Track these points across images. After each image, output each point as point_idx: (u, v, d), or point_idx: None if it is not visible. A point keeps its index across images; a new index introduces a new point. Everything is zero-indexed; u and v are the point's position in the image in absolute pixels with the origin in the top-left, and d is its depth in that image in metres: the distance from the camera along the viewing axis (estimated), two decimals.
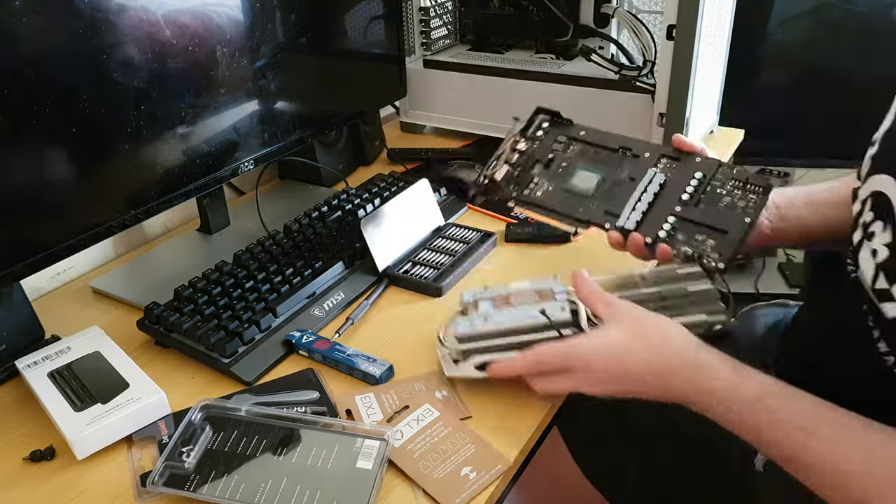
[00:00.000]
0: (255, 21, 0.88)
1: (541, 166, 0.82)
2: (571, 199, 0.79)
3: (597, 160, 0.81)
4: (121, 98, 0.74)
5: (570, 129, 0.85)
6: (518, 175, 0.83)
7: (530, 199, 0.80)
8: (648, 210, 0.75)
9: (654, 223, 0.74)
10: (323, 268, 0.83)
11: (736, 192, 0.74)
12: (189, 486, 0.57)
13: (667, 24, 0.98)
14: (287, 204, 1.03)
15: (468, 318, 0.68)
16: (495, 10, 1.25)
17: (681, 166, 0.77)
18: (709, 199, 0.74)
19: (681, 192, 0.75)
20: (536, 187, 0.81)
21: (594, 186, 0.79)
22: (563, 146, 0.84)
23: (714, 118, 1.23)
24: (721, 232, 0.71)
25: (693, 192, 0.75)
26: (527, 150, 0.84)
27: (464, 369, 0.67)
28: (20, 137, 0.66)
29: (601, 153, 0.82)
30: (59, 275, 0.90)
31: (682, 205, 0.74)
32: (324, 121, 1.03)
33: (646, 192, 0.76)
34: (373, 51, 1.11)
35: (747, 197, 0.73)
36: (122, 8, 0.72)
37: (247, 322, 0.74)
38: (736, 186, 0.74)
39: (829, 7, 1.57)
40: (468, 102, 1.21)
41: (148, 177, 0.80)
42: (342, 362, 0.71)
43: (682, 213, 0.74)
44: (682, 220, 0.74)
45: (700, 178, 0.76)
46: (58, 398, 0.65)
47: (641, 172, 0.78)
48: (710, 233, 0.72)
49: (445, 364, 0.68)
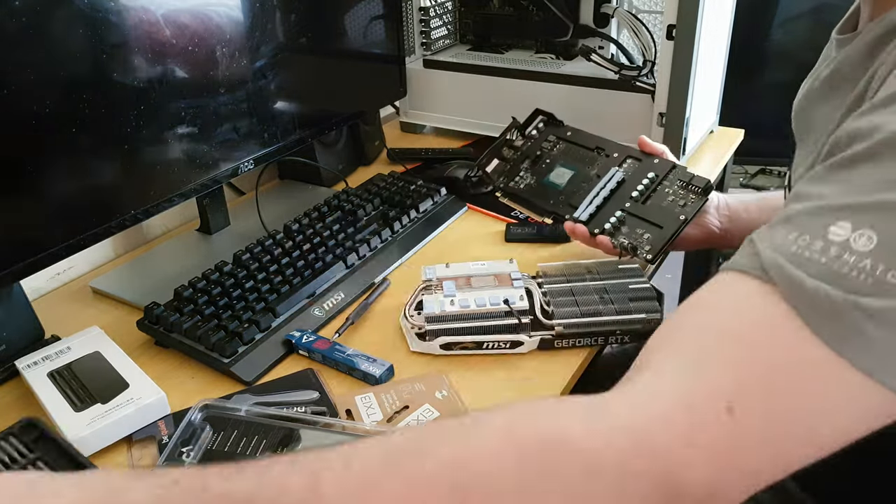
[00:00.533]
0: (255, 21, 0.88)
1: (529, 161, 0.92)
2: (546, 191, 0.88)
3: (575, 158, 0.90)
4: (121, 98, 0.74)
5: (560, 130, 0.94)
6: (509, 168, 0.92)
7: (513, 189, 0.90)
8: (603, 204, 0.83)
9: (603, 216, 0.82)
10: (323, 268, 0.83)
11: (679, 192, 0.81)
12: None
13: (667, 24, 0.98)
14: (287, 204, 1.03)
15: (435, 297, 0.73)
16: (495, 10, 1.25)
17: (640, 166, 0.86)
18: (655, 198, 0.82)
19: (632, 190, 0.83)
20: (521, 180, 0.90)
21: (566, 181, 0.88)
22: (551, 144, 0.93)
23: (714, 118, 1.23)
24: (658, 227, 0.79)
25: (643, 190, 0.83)
26: (521, 146, 0.93)
27: (429, 347, 0.72)
28: (20, 137, 0.66)
29: (580, 152, 0.91)
30: (59, 275, 0.90)
31: (631, 201, 0.82)
32: (324, 121, 1.03)
33: (604, 188, 0.84)
34: (373, 51, 1.11)
35: (687, 196, 0.80)
36: (122, 8, 0.72)
37: (247, 322, 0.74)
38: (680, 186, 0.82)
39: (830, 7, 1.58)
40: (468, 102, 1.21)
41: (148, 177, 0.80)
42: (342, 362, 0.71)
43: (629, 208, 0.82)
44: (629, 215, 0.81)
45: (652, 177, 0.84)
46: (58, 398, 0.65)
47: (605, 170, 0.86)
48: (649, 227, 0.79)
49: (410, 338, 0.73)
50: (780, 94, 1.69)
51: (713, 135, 1.24)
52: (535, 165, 0.91)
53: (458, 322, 0.71)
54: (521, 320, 0.71)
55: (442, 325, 0.71)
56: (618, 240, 0.79)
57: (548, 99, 1.12)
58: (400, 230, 0.94)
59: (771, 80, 1.72)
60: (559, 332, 0.71)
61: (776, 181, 1.92)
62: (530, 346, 0.71)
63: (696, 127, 1.10)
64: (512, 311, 0.71)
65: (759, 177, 1.95)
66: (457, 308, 0.72)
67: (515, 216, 0.99)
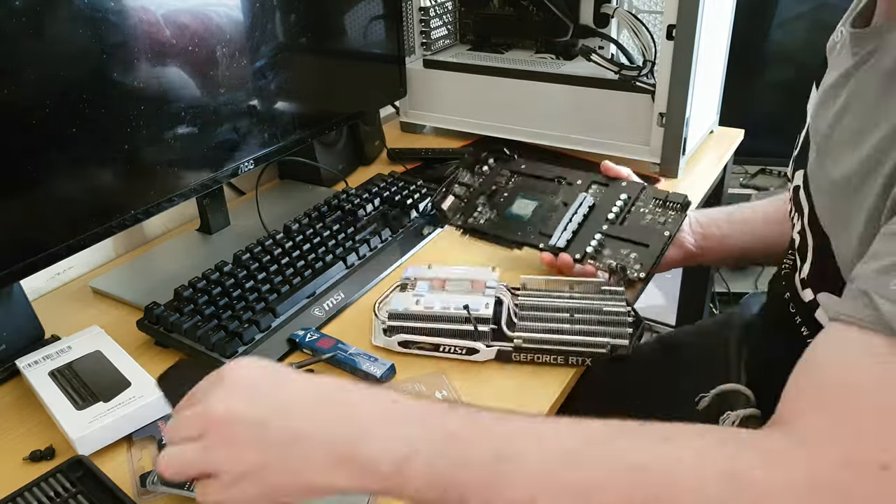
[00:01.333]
0: (255, 21, 0.88)
1: (485, 197, 0.90)
2: (511, 224, 0.86)
3: (536, 190, 0.90)
4: (120, 98, 0.74)
5: (513, 164, 0.93)
6: (464, 205, 0.90)
7: (473, 225, 0.88)
8: (578, 230, 0.83)
9: (582, 241, 0.81)
10: (323, 268, 0.83)
11: (657, 210, 0.82)
12: (188, 486, 0.57)
13: (667, 24, 0.98)
14: (287, 204, 1.04)
15: (405, 295, 0.74)
16: (495, 10, 1.25)
17: (609, 190, 0.86)
18: (632, 218, 0.82)
19: (607, 213, 0.83)
20: (480, 215, 0.89)
21: (531, 212, 0.87)
22: (505, 178, 0.92)
23: (714, 118, 1.23)
24: (643, 246, 0.79)
25: (618, 213, 0.83)
26: (472, 183, 0.92)
27: (388, 342, 0.73)
28: (20, 137, 0.67)
29: (539, 183, 0.90)
30: (59, 275, 0.90)
31: (608, 223, 0.82)
32: (324, 121, 1.03)
33: (576, 213, 0.84)
34: (373, 51, 1.11)
35: (667, 214, 0.81)
36: (122, 8, 0.72)
37: (247, 322, 0.74)
38: (657, 205, 0.82)
39: (829, 7, 1.57)
40: (468, 102, 1.21)
41: (148, 177, 0.80)
42: (344, 362, 0.71)
43: (608, 230, 0.82)
44: (608, 237, 0.81)
45: (625, 199, 0.84)
46: (59, 397, 0.65)
47: (573, 197, 0.86)
48: (633, 247, 0.79)
49: (376, 332, 0.74)
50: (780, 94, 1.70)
51: (713, 135, 1.24)
52: (491, 200, 0.90)
53: (418, 322, 0.72)
54: (476, 328, 0.70)
55: (402, 323, 0.72)
56: (603, 262, 0.79)
57: (548, 99, 1.13)
58: (400, 230, 0.94)
59: (771, 80, 1.72)
60: (517, 346, 0.69)
61: (776, 181, 1.92)
62: (487, 355, 0.70)
63: (696, 127, 1.10)
64: (469, 317, 0.70)
65: (759, 177, 1.95)
66: (420, 308, 0.72)
67: None
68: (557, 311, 0.72)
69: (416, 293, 0.74)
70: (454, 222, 0.89)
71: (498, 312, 0.72)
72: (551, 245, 0.81)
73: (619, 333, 0.69)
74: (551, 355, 0.70)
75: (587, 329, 0.69)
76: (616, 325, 0.70)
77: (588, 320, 0.70)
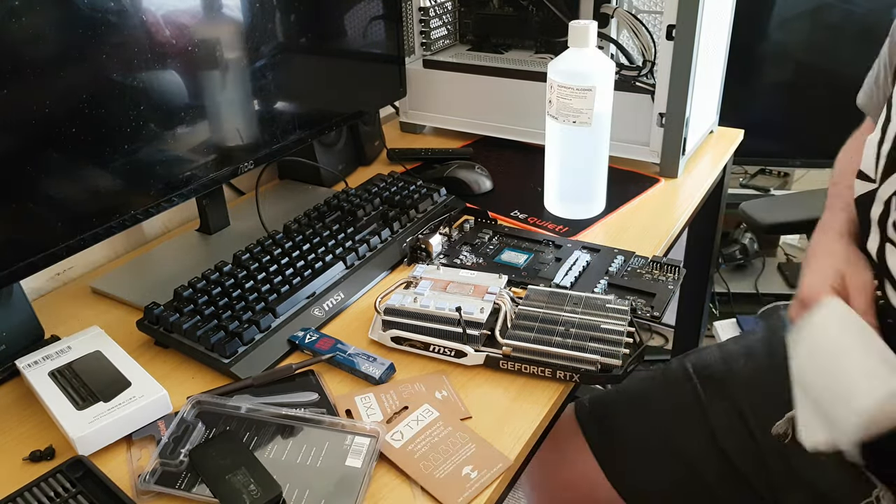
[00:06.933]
0: (255, 21, 0.88)
1: (469, 247, 0.91)
2: (502, 270, 0.84)
3: (524, 248, 0.90)
4: (120, 98, 0.74)
5: (497, 226, 0.95)
6: (448, 249, 0.91)
7: (459, 266, 0.87)
8: (580, 276, 0.84)
9: (587, 284, 0.82)
10: (323, 268, 0.83)
11: (654, 272, 0.84)
12: (180, 485, 0.57)
13: (667, 24, 0.98)
14: (287, 204, 1.04)
15: (407, 292, 0.75)
16: (495, 10, 1.25)
17: (600, 255, 0.88)
18: (632, 275, 0.83)
19: (607, 267, 0.85)
20: (465, 259, 0.89)
21: (523, 262, 0.87)
22: (488, 236, 0.93)
23: (714, 118, 1.23)
24: (649, 294, 0.80)
25: (618, 269, 0.85)
26: (453, 236, 0.93)
27: (382, 337, 0.74)
28: (20, 137, 0.67)
29: (525, 243, 0.91)
30: (59, 275, 0.90)
31: (608, 276, 0.83)
32: (323, 121, 1.03)
33: (575, 264, 0.85)
34: (373, 51, 1.11)
35: (666, 275, 0.83)
36: (122, 8, 0.72)
37: (247, 322, 0.74)
38: (654, 268, 0.84)
39: (829, 7, 1.58)
40: (468, 102, 1.21)
41: (148, 177, 0.80)
42: (343, 362, 0.71)
43: (610, 280, 0.82)
44: (612, 286, 0.81)
45: (622, 259, 0.86)
46: (59, 397, 0.65)
47: (567, 255, 0.87)
48: (640, 295, 0.80)
49: (374, 326, 0.76)
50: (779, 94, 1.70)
51: (713, 135, 1.24)
52: (475, 249, 0.90)
53: (411, 319, 0.72)
54: (466, 331, 0.70)
55: (396, 319, 0.73)
56: None
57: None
58: (400, 230, 0.94)
59: (770, 80, 1.72)
60: (506, 353, 0.69)
61: (776, 181, 1.92)
62: (475, 359, 0.70)
63: (696, 127, 1.10)
64: (460, 319, 0.70)
65: (759, 177, 1.95)
66: (416, 306, 0.72)
67: (515, 216, 0.99)
68: (553, 324, 0.71)
69: (416, 291, 0.75)
70: (437, 263, 0.87)
71: (494, 319, 0.72)
72: (556, 283, 0.82)
73: (613, 353, 0.67)
74: (538, 367, 0.68)
75: (579, 344, 0.68)
76: (611, 343, 0.68)
77: (582, 335, 0.69)
